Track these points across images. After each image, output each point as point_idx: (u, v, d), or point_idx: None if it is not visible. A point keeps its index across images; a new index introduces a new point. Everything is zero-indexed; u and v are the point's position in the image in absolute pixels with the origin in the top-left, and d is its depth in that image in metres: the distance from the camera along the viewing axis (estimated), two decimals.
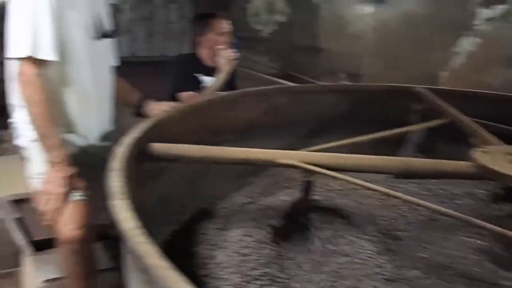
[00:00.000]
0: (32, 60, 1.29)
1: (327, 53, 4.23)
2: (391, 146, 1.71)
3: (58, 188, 1.36)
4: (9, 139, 3.16)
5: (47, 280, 1.66)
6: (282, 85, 3.00)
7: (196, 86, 2.26)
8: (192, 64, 2.32)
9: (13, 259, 2.15)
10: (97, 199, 1.45)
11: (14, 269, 2.10)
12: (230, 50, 2.21)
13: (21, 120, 1.47)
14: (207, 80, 2.29)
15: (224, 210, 1.60)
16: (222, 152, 1.26)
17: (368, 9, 3.70)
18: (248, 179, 1.84)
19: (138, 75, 1.75)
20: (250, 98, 1.87)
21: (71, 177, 1.39)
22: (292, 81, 4.51)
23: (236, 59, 2.23)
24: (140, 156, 1.13)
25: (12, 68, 1.39)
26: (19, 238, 1.67)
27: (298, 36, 4.86)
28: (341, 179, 1.24)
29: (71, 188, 1.39)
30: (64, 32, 1.36)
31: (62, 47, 1.35)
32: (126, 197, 0.80)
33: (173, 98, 2.20)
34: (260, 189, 1.78)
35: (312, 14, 4.37)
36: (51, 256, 1.66)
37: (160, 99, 1.83)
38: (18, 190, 1.62)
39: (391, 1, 3.42)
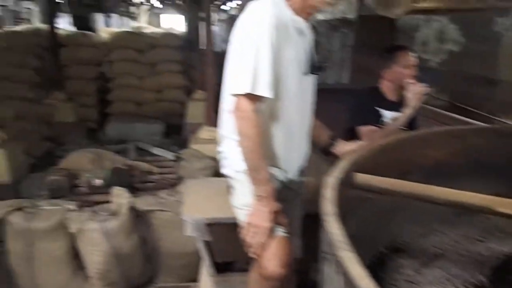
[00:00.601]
0: (250, 96, 1.34)
1: (507, 85, 3.78)
2: None
3: (264, 222, 1.39)
4: (187, 158, 3.49)
5: None
6: (480, 126, 2.71)
7: (377, 120, 2.18)
8: (374, 97, 2.25)
9: (194, 273, 2.31)
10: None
11: (193, 283, 2.25)
12: (419, 85, 2.08)
13: (229, 150, 1.54)
14: (388, 114, 2.19)
15: (412, 258, 1.46)
16: (430, 190, 1.15)
17: None
18: (435, 225, 1.67)
19: None
20: (442, 137, 1.72)
21: (276, 212, 1.41)
22: (461, 114, 4.11)
23: (425, 94, 2.08)
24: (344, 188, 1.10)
25: (227, 102, 1.47)
26: (204, 259, 1.77)
27: (471, 66, 4.47)
28: None
29: (276, 223, 1.41)
30: (279, 69, 1.39)
31: (276, 83, 1.38)
32: (351, 249, 0.74)
33: (352, 131, 2.16)
34: (451, 239, 1.59)
35: (492, 43, 3.97)
36: (231, 279, 1.73)
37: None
38: (212, 214, 1.72)
39: None
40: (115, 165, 3.15)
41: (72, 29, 6.91)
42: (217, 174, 3.32)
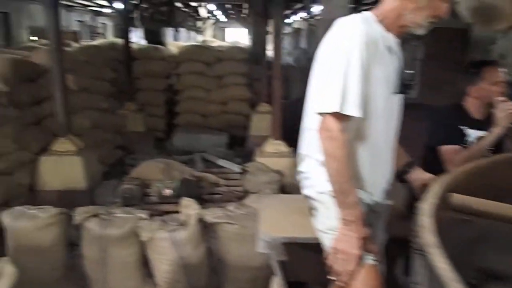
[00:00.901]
0: (337, 116, 1.29)
1: None
2: None
3: (353, 249, 1.32)
4: (252, 171, 3.49)
5: None
6: None
7: (460, 139, 2.06)
8: (458, 115, 2.13)
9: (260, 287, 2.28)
10: None
11: None
12: (510, 103, 1.94)
13: (311, 170, 1.50)
14: (473, 134, 2.06)
15: None
16: None
17: None
18: None
19: None
20: None
21: (365, 238, 1.34)
22: None
23: None
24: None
25: (311, 121, 1.43)
26: (277, 277, 1.74)
27: None
28: None
29: (365, 250, 1.34)
30: (368, 87, 1.34)
31: (364, 102, 1.33)
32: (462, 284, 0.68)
33: (433, 150, 2.05)
34: None
35: None
36: None
37: None
38: (290, 233, 1.68)
39: None
40: (183, 175, 3.22)
41: (144, 43, 7.23)
42: (283, 188, 3.30)
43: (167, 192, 3.01)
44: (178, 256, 2.43)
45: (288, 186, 3.33)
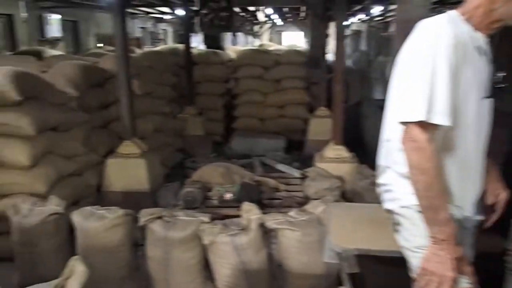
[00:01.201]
0: (424, 125, 1.20)
1: None
2: None
3: (447, 271, 1.21)
4: (313, 176, 3.43)
5: None
6: None
7: None
8: None
9: None
10: None
11: None
12: None
13: (393, 183, 1.41)
14: None
15: None
16: None
17: None
18: None
19: None
20: None
21: (459, 258, 1.23)
22: None
23: None
24: None
25: (392, 130, 1.36)
26: None
27: None
28: None
29: (459, 272, 1.23)
30: (457, 93, 1.23)
31: (453, 109, 1.22)
32: None
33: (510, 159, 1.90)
34: None
35: None
36: None
37: None
38: (364, 245, 1.60)
39: None
40: (243, 180, 3.22)
41: (203, 47, 7.37)
42: (344, 194, 3.21)
43: (228, 196, 3.02)
44: (239, 261, 2.42)
45: (349, 192, 3.24)
